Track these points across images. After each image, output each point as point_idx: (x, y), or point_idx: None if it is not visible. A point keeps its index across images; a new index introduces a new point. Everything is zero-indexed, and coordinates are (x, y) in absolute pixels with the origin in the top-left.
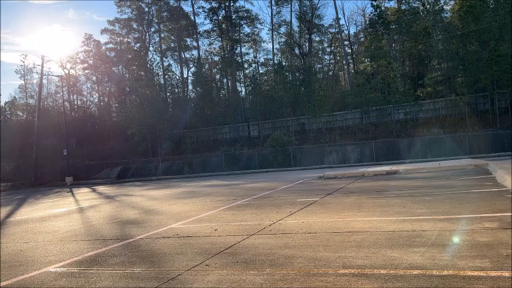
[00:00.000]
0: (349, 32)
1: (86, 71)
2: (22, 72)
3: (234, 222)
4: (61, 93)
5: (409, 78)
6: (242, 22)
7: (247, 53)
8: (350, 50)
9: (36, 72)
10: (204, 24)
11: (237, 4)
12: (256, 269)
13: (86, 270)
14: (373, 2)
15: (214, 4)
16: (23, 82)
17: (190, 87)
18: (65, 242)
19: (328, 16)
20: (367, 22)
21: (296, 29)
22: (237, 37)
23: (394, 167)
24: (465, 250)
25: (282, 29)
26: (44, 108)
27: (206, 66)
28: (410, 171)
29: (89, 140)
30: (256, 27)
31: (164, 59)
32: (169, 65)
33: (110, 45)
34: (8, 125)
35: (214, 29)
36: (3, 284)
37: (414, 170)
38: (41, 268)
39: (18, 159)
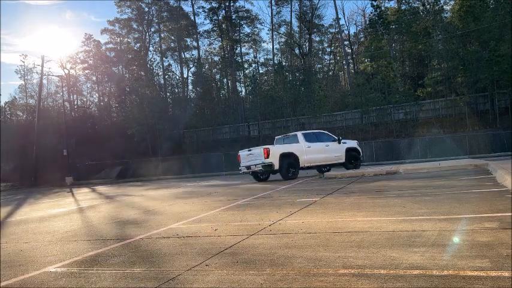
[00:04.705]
0: (349, 32)
1: (86, 71)
2: (22, 72)
3: (234, 222)
4: (61, 93)
5: (409, 78)
6: (242, 22)
7: (247, 53)
8: (350, 50)
9: (36, 72)
10: (204, 24)
11: (237, 4)
12: (256, 269)
13: (86, 270)
14: (373, 2)
15: (214, 4)
16: (23, 82)
17: (190, 87)
18: (65, 242)
19: (328, 16)
20: (367, 22)
21: (296, 29)
22: (237, 37)
23: (394, 167)
24: (465, 250)
25: (282, 29)
26: (44, 108)
27: (206, 66)
28: (410, 171)
29: (89, 140)
30: (256, 27)
31: (164, 59)
32: (170, 65)
33: (110, 45)
34: (8, 125)
35: (214, 29)
36: (3, 284)
37: (414, 170)
38: (41, 268)
39: (18, 159)
